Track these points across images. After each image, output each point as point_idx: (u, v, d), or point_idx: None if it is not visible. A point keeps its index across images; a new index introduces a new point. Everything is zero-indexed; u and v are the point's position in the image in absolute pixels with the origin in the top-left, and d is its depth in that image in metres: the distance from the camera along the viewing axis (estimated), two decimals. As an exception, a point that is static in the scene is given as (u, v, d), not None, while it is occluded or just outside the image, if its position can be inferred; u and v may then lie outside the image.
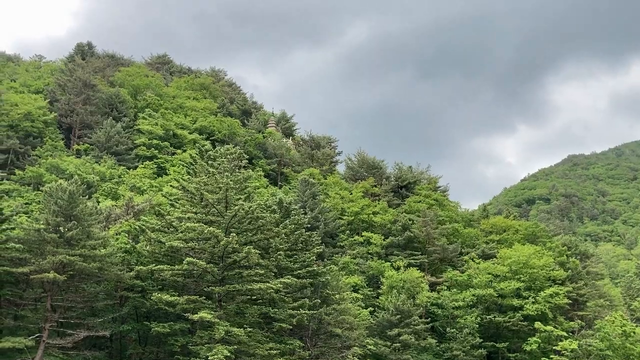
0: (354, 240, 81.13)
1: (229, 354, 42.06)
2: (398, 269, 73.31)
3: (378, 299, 69.67)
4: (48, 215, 44.41)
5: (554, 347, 65.37)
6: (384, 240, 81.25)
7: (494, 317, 70.56)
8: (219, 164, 53.58)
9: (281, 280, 48.32)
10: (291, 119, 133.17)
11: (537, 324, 67.92)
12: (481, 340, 67.25)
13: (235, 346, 43.78)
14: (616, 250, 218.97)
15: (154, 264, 46.82)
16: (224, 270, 46.91)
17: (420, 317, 66.47)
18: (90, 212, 46.44)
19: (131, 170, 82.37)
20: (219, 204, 48.18)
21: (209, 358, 41.59)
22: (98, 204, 58.04)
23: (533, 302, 70.83)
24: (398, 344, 61.09)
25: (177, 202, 54.31)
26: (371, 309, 66.51)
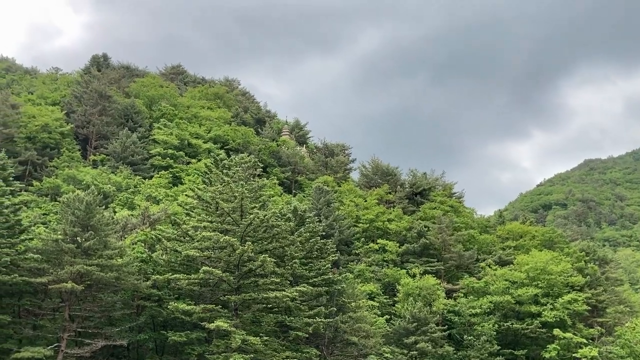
0: (369, 247, 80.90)
1: (245, 363, 42.04)
2: (414, 276, 72.92)
3: (394, 306, 69.32)
4: (66, 225, 44.84)
5: (574, 355, 64.53)
6: (399, 247, 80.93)
7: (512, 324, 69.82)
8: (233, 172, 53.82)
9: (297, 288, 48.29)
10: (304, 127, 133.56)
11: (556, 331, 67.09)
12: (499, 348, 66.54)
13: (252, 355, 43.75)
14: (636, 256, 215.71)
15: (170, 273, 47.04)
16: (240, 278, 46.99)
17: (437, 324, 65.99)
18: (107, 222, 46.81)
19: (147, 180, 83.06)
20: (234, 212, 48.33)
21: (226, 367, 41.61)
22: (114, 214, 58.58)
23: (551, 309, 69.98)
24: (415, 352, 60.67)
25: (192, 211, 54.58)
26: (387, 316, 66.19)
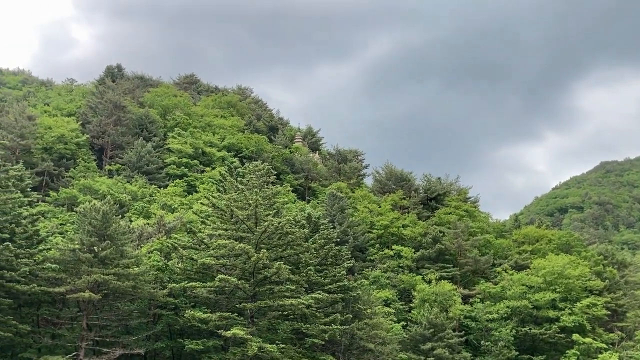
0: (384, 253, 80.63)
1: (262, 371, 42.05)
2: (430, 282, 72.53)
3: (410, 312, 68.97)
4: (82, 235, 45.27)
5: (594, 360, 63.75)
6: (414, 253, 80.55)
7: (530, 329, 69.13)
8: (247, 180, 54.04)
9: (312, 295, 48.23)
10: (317, 134, 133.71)
11: (575, 336, 66.31)
12: (517, 354, 65.90)
13: (268, 362, 43.74)
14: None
15: (186, 281, 47.26)
16: (255, 286, 47.06)
17: (454, 330, 65.54)
18: (123, 232, 47.19)
19: (162, 188, 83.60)
20: (248, 220, 48.47)
21: (243, 375, 41.62)
22: (130, 223, 59.01)
23: (570, 314, 69.24)
24: (432, 358, 60.19)
25: (207, 219, 54.84)
26: (403, 323, 65.84)
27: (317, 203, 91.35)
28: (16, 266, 42.18)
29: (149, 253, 52.18)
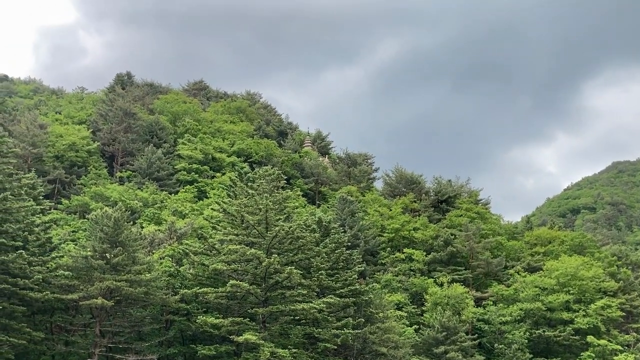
0: (396, 257, 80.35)
1: (274, 376, 41.99)
2: (442, 285, 72.18)
3: (422, 316, 68.63)
4: (94, 242, 45.54)
5: (609, 362, 63.05)
6: (426, 256, 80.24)
7: (544, 331, 68.57)
8: (258, 185, 54.13)
9: (324, 299, 48.16)
10: (326, 138, 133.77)
11: (590, 338, 65.69)
12: (531, 356, 65.35)
13: (281, 367, 43.67)
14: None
15: (198, 287, 47.38)
16: (267, 291, 47.06)
17: (467, 333, 65.10)
18: (134, 238, 47.40)
19: (173, 195, 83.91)
20: (259, 225, 48.52)
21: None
22: (142, 230, 59.20)
23: (584, 315, 68.60)
24: (445, 362, 59.87)
25: (218, 225, 54.97)
26: (416, 326, 65.55)
27: (328, 207, 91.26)
28: (29, 274, 42.50)
29: (160, 259, 52.38)
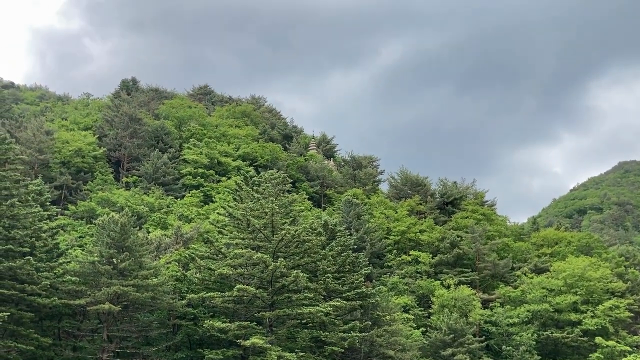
0: (402, 259, 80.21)
1: (282, 379, 41.97)
2: (448, 287, 72.00)
3: (429, 318, 68.45)
4: (101, 247, 45.72)
5: (618, 363, 62.70)
6: (432, 258, 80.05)
7: (552, 333, 68.30)
8: (263, 189, 54.20)
9: (330, 303, 48.16)
10: (331, 141, 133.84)
11: (598, 339, 65.35)
12: (539, 358, 65.06)
13: (288, 371, 43.65)
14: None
15: (204, 292, 47.45)
16: (274, 295, 47.09)
17: (474, 335, 64.88)
18: (141, 243, 47.57)
19: (179, 199, 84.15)
20: (265, 229, 48.58)
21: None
22: (148, 234, 59.41)
23: (592, 316, 68.27)
24: (453, 364, 59.69)
25: (224, 229, 55.05)
26: (423, 329, 65.37)
27: (333, 210, 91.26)
28: (37, 279, 42.69)
29: (167, 264, 52.50)
